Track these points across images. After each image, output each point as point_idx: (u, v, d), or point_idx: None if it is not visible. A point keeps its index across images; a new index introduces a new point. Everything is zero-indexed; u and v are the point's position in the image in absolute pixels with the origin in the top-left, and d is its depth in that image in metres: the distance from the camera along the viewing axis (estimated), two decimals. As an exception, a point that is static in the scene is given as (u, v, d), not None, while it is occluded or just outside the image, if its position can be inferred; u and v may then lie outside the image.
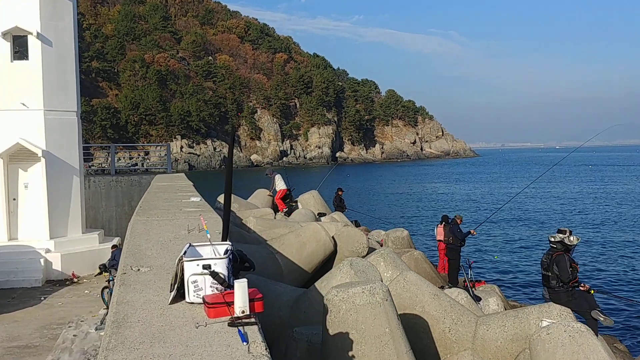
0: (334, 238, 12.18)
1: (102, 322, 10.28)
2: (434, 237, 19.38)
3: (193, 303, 4.01)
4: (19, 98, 14.92)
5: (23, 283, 13.93)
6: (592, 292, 10.46)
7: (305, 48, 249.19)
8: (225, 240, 4.71)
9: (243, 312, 3.64)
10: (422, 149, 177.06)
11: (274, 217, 17.57)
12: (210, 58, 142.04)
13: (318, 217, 18.00)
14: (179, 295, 4.10)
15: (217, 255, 4.16)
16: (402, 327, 6.34)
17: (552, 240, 10.57)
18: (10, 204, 15.06)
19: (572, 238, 10.39)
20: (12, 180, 15.11)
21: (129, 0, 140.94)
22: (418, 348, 7.11)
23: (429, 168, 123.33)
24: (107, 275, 12.17)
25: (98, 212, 19.41)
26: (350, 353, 5.94)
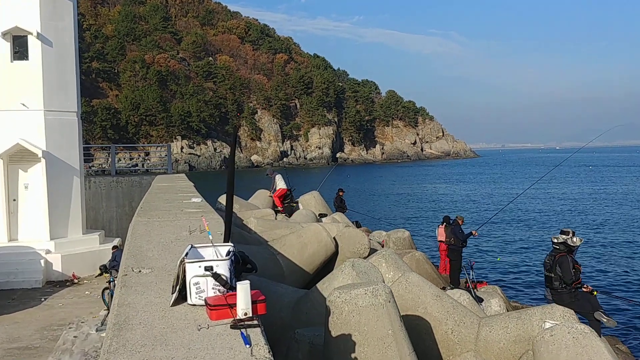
0: (335, 239, 12.14)
1: (102, 323, 10.25)
2: (435, 237, 19.35)
3: (195, 305, 3.96)
4: (19, 98, 14.89)
5: (23, 284, 13.89)
6: (594, 293, 10.42)
7: (306, 49, 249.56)
8: (227, 242, 4.67)
9: (246, 314, 3.59)
10: (422, 150, 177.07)
11: (275, 218, 17.53)
12: (211, 59, 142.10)
13: (319, 217, 17.97)
14: (181, 297, 4.06)
15: (219, 257, 4.11)
16: (404, 328, 6.30)
17: (554, 242, 10.53)
18: (11, 205, 15.03)
19: (575, 239, 10.35)
20: (12, 181, 15.07)
21: (130, 1, 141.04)
22: (420, 350, 7.06)
23: (430, 169, 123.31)
24: (107, 276, 12.16)
25: (98, 212, 19.38)
26: (353, 355, 5.90)
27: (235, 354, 3.24)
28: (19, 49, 15.03)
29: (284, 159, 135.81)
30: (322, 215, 18.74)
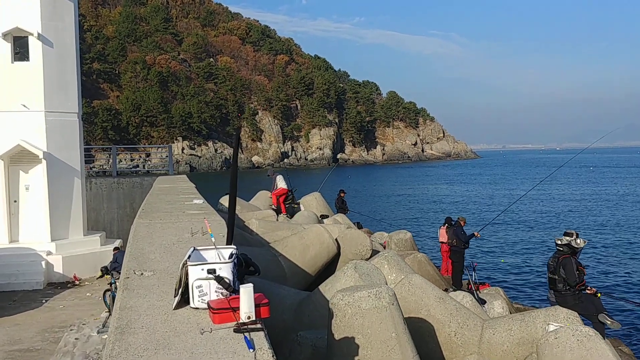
0: (337, 240, 12.10)
1: (104, 325, 10.21)
2: (437, 239, 19.29)
3: (198, 308, 3.92)
4: (20, 99, 14.86)
5: (24, 286, 13.84)
6: (598, 295, 10.36)
7: (307, 50, 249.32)
8: (230, 244, 4.62)
9: (249, 317, 3.55)
10: (423, 151, 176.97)
11: (277, 219, 17.49)
12: (212, 60, 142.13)
13: (321, 219, 17.92)
14: (184, 301, 4.02)
15: (221, 259, 4.06)
16: (408, 331, 6.26)
17: (558, 243, 10.47)
18: (11, 206, 14.99)
19: (579, 241, 10.29)
20: (13, 182, 15.04)
21: (130, 2, 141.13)
22: (423, 352, 7.02)
23: (430, 169, 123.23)
24: (109, 278, 12.11)
25: (99, 214, 19.34)
26: (356, 358, 5.86)
27: (239, 359, 3.19)
28: (20, 50, 15.00)
29: (285, 160, 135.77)
30: (323, 217, 18.70)
